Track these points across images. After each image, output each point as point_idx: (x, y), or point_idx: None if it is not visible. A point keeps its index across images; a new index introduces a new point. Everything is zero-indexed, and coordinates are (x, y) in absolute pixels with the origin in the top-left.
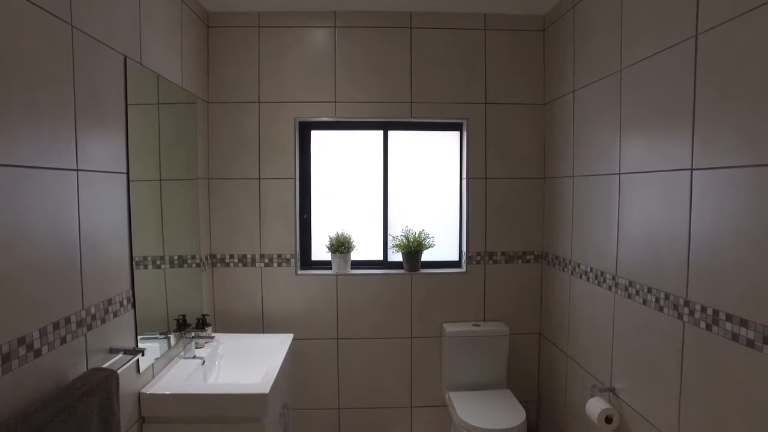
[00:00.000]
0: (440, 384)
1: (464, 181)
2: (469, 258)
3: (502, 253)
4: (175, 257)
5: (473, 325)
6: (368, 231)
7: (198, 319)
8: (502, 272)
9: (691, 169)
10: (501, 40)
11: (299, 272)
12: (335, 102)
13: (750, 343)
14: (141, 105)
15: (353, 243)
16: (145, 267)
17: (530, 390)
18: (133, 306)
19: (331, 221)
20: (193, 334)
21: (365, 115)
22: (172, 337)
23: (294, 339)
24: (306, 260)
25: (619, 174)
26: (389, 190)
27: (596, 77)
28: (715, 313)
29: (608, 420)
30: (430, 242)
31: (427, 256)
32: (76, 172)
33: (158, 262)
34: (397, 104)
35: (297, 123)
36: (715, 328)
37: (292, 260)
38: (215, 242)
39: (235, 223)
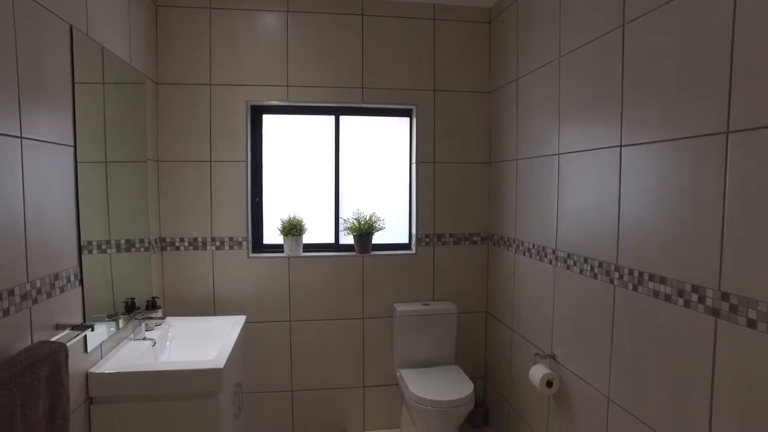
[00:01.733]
0: (391, 363)
1: (413, 166)
2: (418, 240)
3: (450, 235)
4: (122, 241)
5: (423, 304)
6: (320, 214)
7: (148, 302)
8: (450, 253)
9: (620, 146)
10: (449, 31)
11: (251, 255)
12: (287, 86)
13: (667, 298)
14: (88, 84)
15: (305, 226)
16: (90, 252)
17: (478, 366)
18: (81, 283)
19: (283, 205)
20: (142, 316)
21: (317, 100)
22: (120, 320)
23: (246, 322)
24: (258, 244)
25: (558, 154)
26: (341, 174)
27: (537, 65)
28: (640, 274)
29: (549, 384)
30: (381, 225)
31: (378, 238)
32: (20, 139)
33: (104, 246)
34: (348, 89)
35: (249, 106)
36: (640, 288)
37: (244, 243)
38: (165, 225)
39: (185, 206)
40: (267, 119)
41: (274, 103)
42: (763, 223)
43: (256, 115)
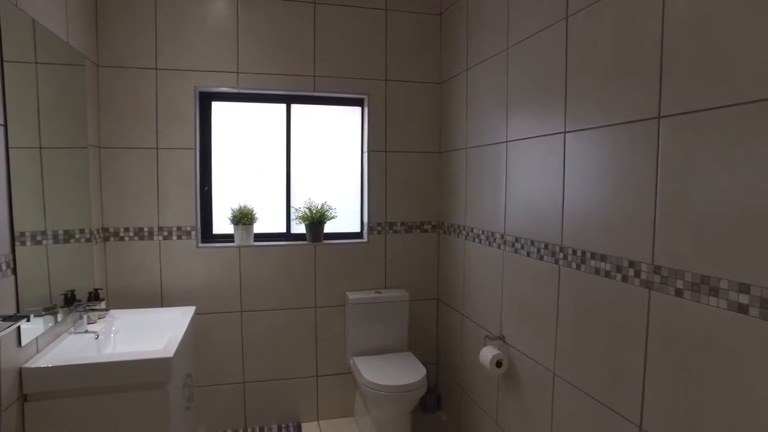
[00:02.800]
0: (344, 351)
1: (365, 155)
2: (370, 228)
3: (402, 223)
4: (60, 231)
5: (375, 292)
6: (271, 204)
7: (90, 293)
8: (402, 241)
9: (564, 133)
10: (401, 21)
11: (200, 245)
12: (238, 73)
13: (607, 274)
14: (18, 63)
15: (256, 215)
16: (23, 243)
17: (430, 352)
18: (14, 272)
19: (234, 194)
20: (83, 308)
21: (268, 87)
22: (59, 313)
23: (197, 313)
24: (207, 233)
25: (506, 142)
26: (292, 163)
27: (486, 56)
28: (583, 253)
29: (499, 364)
30: (333, 213)
31: (330, 227)
32: None
33: (39, 237)
34: (300, 77)
35: (197, 93)
36: (582, 266)
37: (193, 233)
38: (108, 215)
39: (130, 194)
40: (217, 106)
41: (224, 89)
42: (689, 201)
43: (205, 101)
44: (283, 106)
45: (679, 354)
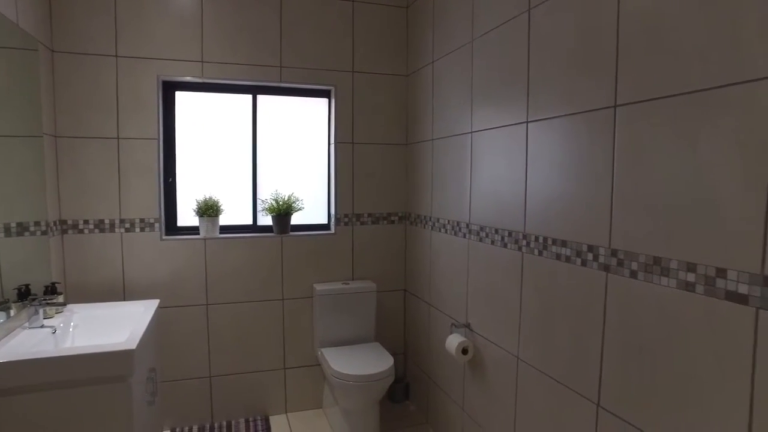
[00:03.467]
0: (312, 343)
1: (332, 146)
2: (337, 220)
3: (369, 215)
4: (13, 224)
5: (343, 283)
6: (237, 195)
7: (46, 287)
8: (369, 233)
9: (527, 122)
10: (368, 13)
11: (164, 237)
12: (202, 62)
13: (568, 259)
14: None
15: (222, 207)
16: None
17: (398, 343)
18: None
19: (199, 186)
20: (39, 302)
21: (234, 78)
22: (12, 308)
23: (161, 307)
24: (172, 226)
25: (471, 133)
26: (258, 154)
27: (452, 49)
28: (545, 240)
29: (465, 351)
30: (300, 205)
31: (297, 219)
32: None
33: None
34: (266, 68)
35: (160, 82)
36: (544, 252)
37: (157, 225)
38: (66, 207)
39: (90, 186)
40: (180, 96)
41: (188, 79)
42: (642, 187)
43: (168, 91)
44: (249, 97)
45: (634, 332)
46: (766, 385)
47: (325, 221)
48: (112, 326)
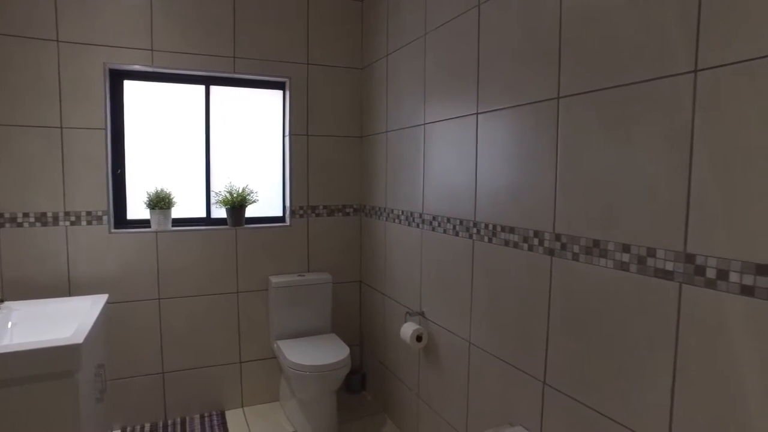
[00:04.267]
0: (268, 336)
1: (287, 138)
2: (292, 212)
3: (324, 207)
4: None
5: (298, 275)
6: (190, 188)
7: None
8: (324, 225)
9: (477, 114)
10: (323, 5)
11: (113, 231)
12: (152, 50)
13: (515, 245)
14: None
15: (174, 199)
16: None
17: (354, 334)
18: None
19: (150, 178)
20: None
21: (186, 68)
22: None
23: (110, 302)
24: (121, 219)
25: (424, 125)
26: (212, 146)
27: (405, 42)
28: (494, 227)
29: (419, 339)
30: (254, 197)
31: (251, 211)
32: None
33: None
34: (219, 58)
35: (107, 69)
36: (494, 239)
37: (105, 218)
38: (2, 199)
39: (30, 177)
40: (129, 85)
41: (137, 68)
42: (583, 174)
43: (116, 80)
44: (201, 88)
45: (576, 311)
46: (687, 350)
47: (280, 213)
48: (56, 322)
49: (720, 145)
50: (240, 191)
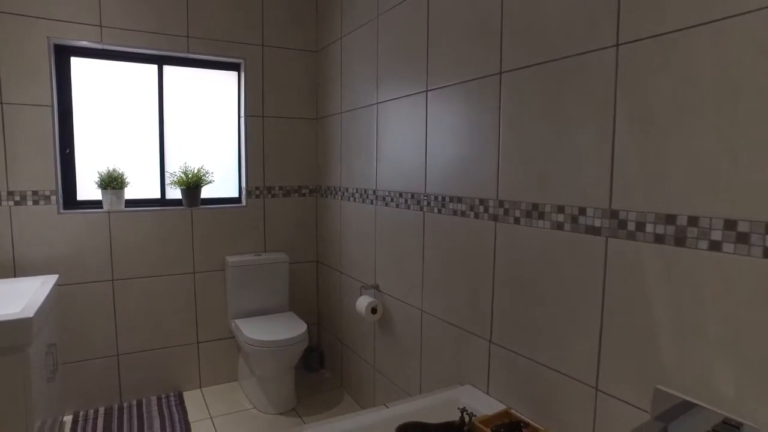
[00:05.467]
0: (226, 316)
1: (242, 120)
2: (248, 193)
3: (280, 188)
4: None
5: (255, 255)
6: (144, 169)
7: None
8: (280, 206)
9: (426, 91)
10: None
11: (62, 211)
12: (101, 26)
13: (463, 214)
14: None
15: (127, 179)
16: None
17: (311, 313)
18: None
19: (102, 158)
20: None
21: (137, 45)
22: None
23: (60, 284)
24: (71, 199)
25: (377, 104)
26: (165, 126)
27: (359, 24)
28: (444, 198)
29: (374, 311)
30: (210, 178)
31: (207, 192)
32: None
33: None
34: (172, 37)
35: (52, 45)
36: (443, 210)
37: (53, 197)
38: None
39: None
40: (78, 63)
41: (85, 44)
42: (523, 143)
43: (63, 56)
44: (154, 68)
45: (517, 272)
46: (612, 298)
47: (236, 195)
48: (3, 302)
49: (637, 113)
50: (195, 171)
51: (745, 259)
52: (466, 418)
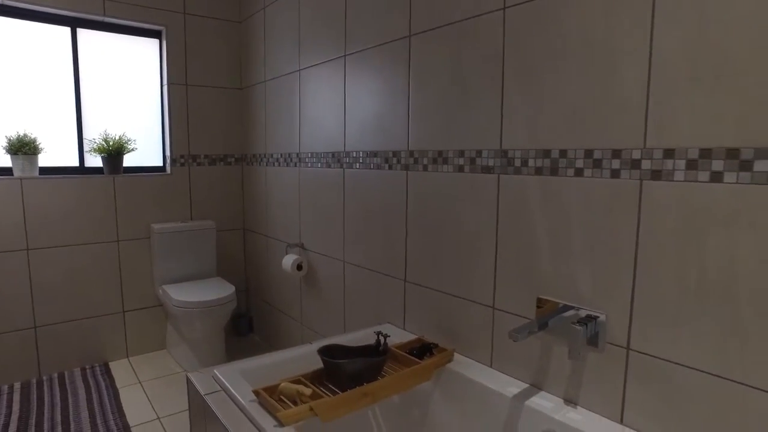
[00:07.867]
0: (152, 283)
1: (165, 88)
2: (173, 161)
3: (206, 156)
4: None
5: (181, 222)
6: (60, 136)
7: None
8: (206, 174)
9: (345, 56)
10: None
11: None
12: None
13: (378, 167)
14: None
15: (41, 146)
16: None
17: (240, 280)
18: None
19: (10, 122)
20: None
21: (45, 4)
22: None
23: None
24: None
25: (299, 70)
26: (83, 92)
27: None
28: (361, 154)
29: (299, 267)
30: (132, 146)
31: (131, 161)
32: None
33: None
34: None
35: None
36: (361, 165)
37: None
38: None
39: None
40: None
41: None
42: (425, 100)
43: None
44: (67, 30)
45: (426, 215)
46: (504, 228)
47: (160, 163)
48: None
49: (520, 66)
50: (117, 139)
51: (598, 180)
52: (382, 340)
